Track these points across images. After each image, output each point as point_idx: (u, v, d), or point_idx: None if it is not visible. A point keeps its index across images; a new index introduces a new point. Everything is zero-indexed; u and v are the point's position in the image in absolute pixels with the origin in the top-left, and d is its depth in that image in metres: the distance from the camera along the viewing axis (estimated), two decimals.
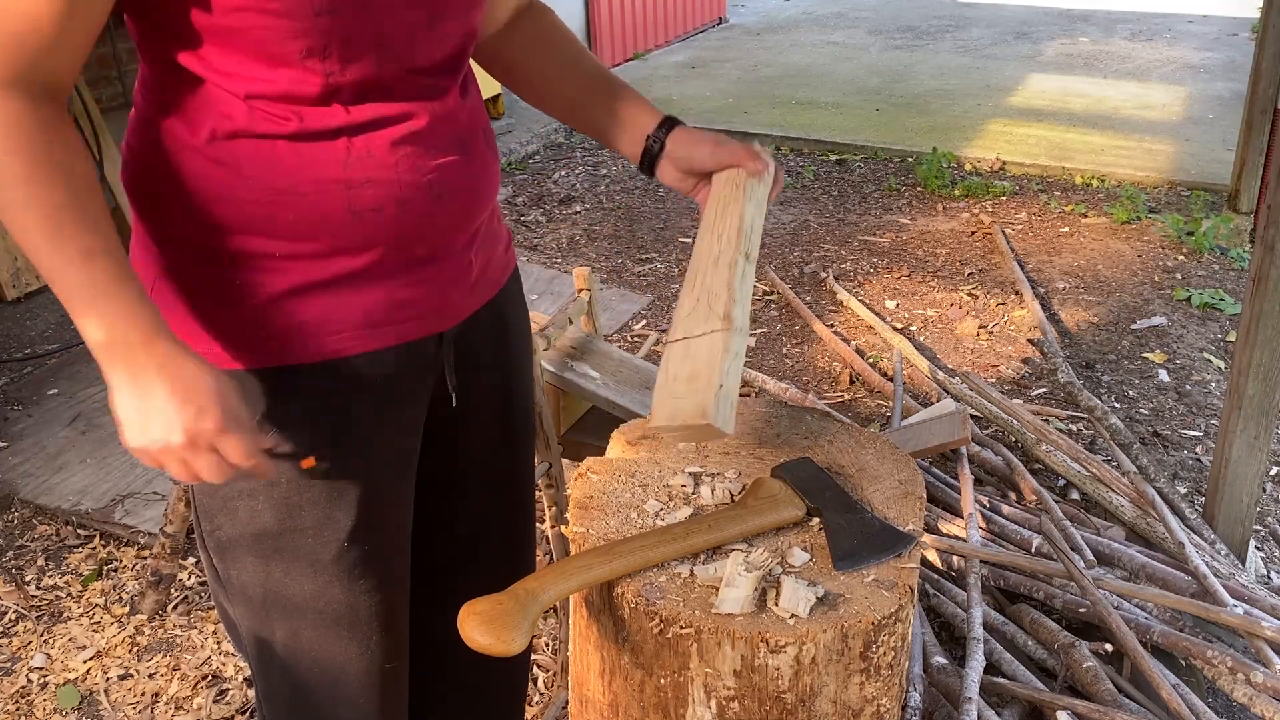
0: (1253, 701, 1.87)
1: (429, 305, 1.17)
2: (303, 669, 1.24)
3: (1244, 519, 2.39)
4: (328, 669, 1.25)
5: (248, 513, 1.16)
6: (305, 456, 1.13)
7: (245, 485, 1.14)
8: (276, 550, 1.17)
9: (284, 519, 1.16)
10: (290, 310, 1.09)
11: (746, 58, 7.58)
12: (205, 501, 1.18)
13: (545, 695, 2.18)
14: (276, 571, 1.19)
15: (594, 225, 4.75)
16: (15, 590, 2.50)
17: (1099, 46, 7.73)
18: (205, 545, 1.22)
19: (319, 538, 1.17)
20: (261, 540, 1.17)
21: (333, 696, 1.27)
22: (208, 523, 1.19)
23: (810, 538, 1.12)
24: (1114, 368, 3.45)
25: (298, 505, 1.15)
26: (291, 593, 1.20)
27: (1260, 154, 4.14)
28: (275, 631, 1.22)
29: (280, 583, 1.19)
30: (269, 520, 1.16)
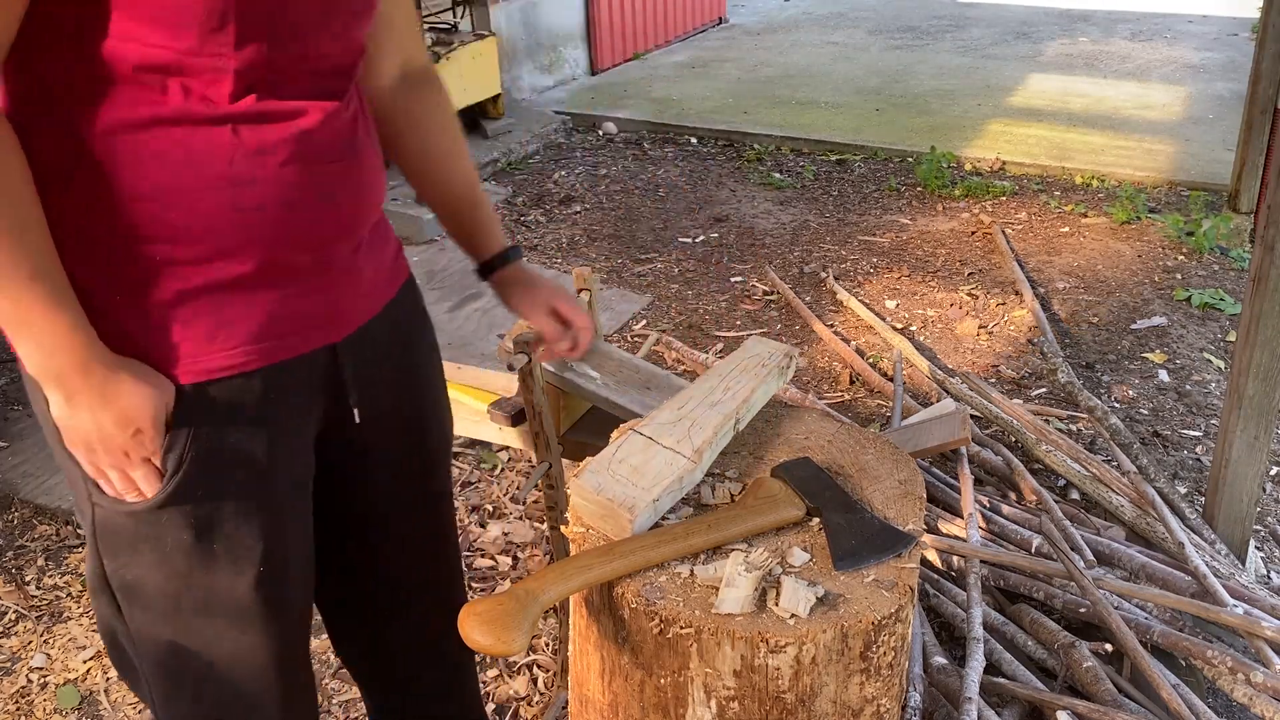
0: (1253, 701, 1.87)
1: (318, 314, 1.14)
2: (217, 694, 1.21)
3: (1244, 519, 2.39)
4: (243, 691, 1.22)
5: (156, 553, 1.11)
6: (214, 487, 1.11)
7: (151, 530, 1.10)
8: (189, 588, 1.13)
9: (197, 556, 1.12)
10: (177, 325, 1.05)
11: (746, 58, 7.58)
12: (108, 541, 1.13)
13: (545, 695, 2.18)
14: (187, 608, 1.15)
15: (594, 225, 4.75)
16: (15, 590, 2.50)
17: (1099, 46, 7.73)
18: (108, 585, 1.16)
19: (235, 568, 1.14)
20: (172, 580, 1.13)
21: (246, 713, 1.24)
22: (110, 561, 1.14)
23: (810, 538, 1.12)
24: (1114, 368, 3.45)
25: (210, 541, 1.12)
26: (203, 628, 1.16)
27: (1260, 154, 4.15)
28: (187, 662, 1.18)
29: (192, 618, 1.15)
30: (180, 561, 1.12)
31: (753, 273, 4.21)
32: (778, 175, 5.31)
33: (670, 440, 1.19)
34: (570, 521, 1.16)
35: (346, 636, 1.53)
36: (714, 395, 1.28)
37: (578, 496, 1.14)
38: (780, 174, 5.34)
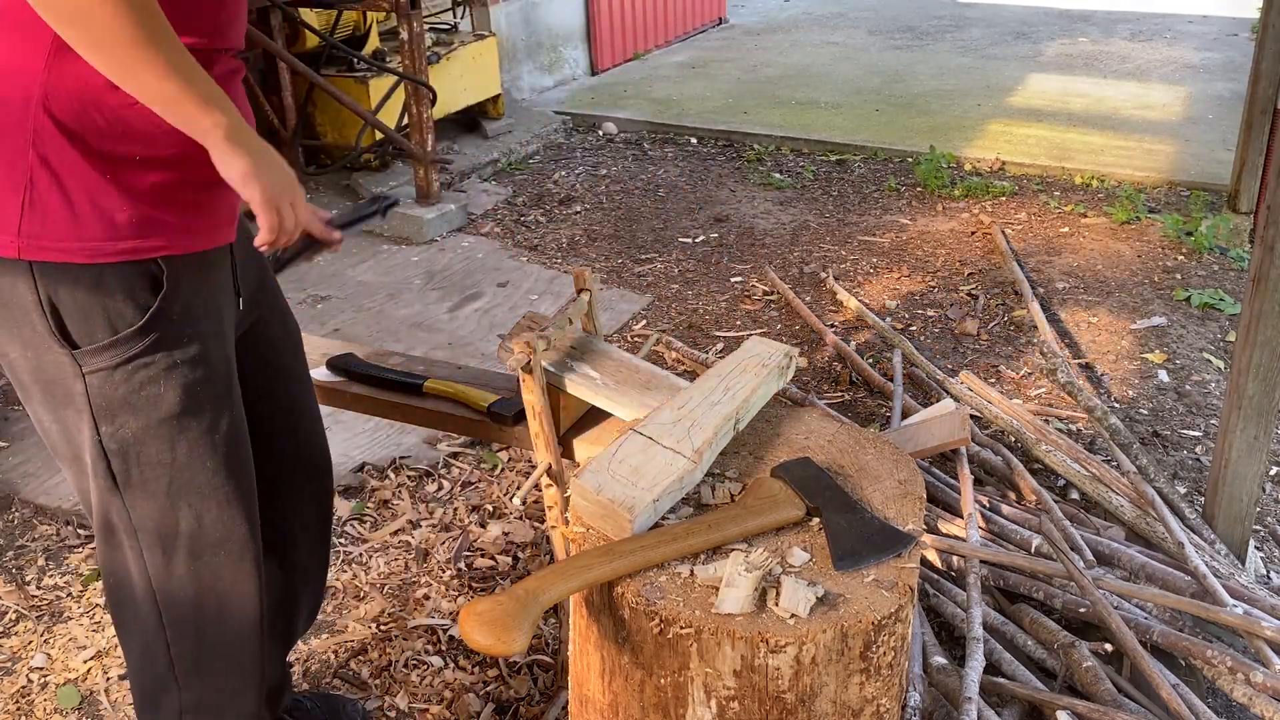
0: (1252, 701, 1.87)
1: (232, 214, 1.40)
2: (207, 554, 1.39)
3: (1244, 519, 2.40)
4: (229, 551, 1.40)
5: (151, 401, 1.29)
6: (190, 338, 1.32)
7: (145, 375, 1.28)
8: (181, 431, 1.32)
9: (185, 399, 1.31)
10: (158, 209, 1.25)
11: (746, 58, 7.58)
12: (105, 402, 1.29)
13: (545, 695, 2.19)
14: (181, 453, 1.33)
15: (594, 225, 4.75)
16: (15, 590, 2.50)
17: (1099, 47, 7.73)
18: (104, 455, 1.32)
19: (216, 412, 1.34)
20: (165, 425, 1.31)
21: (234, 578, 1.42)
22: (108, 425, 1.30)
23: (810, 538, 1.12)
24: (1114, 367, 3.45)
25: (195, 384, 1.31)
26: (194, 475, 1.34)
27: (1260, 154, 4.15)
28: (180, 520, 1.36)
29: (185, 465, 1.33)
30: (172, 402, 1.30)
31: (753, 273, 4.22)
32: (778, 175, 5.31)
33: (670, 440, 1.19)
34: (570, 521, 1.16)
35: None
36: (714, 395, 1.28)
37: (578, 496, 1.14)
38: (780, 174, 5.34)
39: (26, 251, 1.23)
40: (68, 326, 1.26)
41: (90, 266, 1.24)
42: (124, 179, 1.24)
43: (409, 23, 4.36)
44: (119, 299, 1.26)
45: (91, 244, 1.23)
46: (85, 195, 1.22)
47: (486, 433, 2.03)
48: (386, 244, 4.57)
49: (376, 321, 3.85)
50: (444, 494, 2.85)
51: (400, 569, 2.57)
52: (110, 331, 1.26)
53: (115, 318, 1.26)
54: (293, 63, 4.53)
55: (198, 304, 1.32)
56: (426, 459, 2.99)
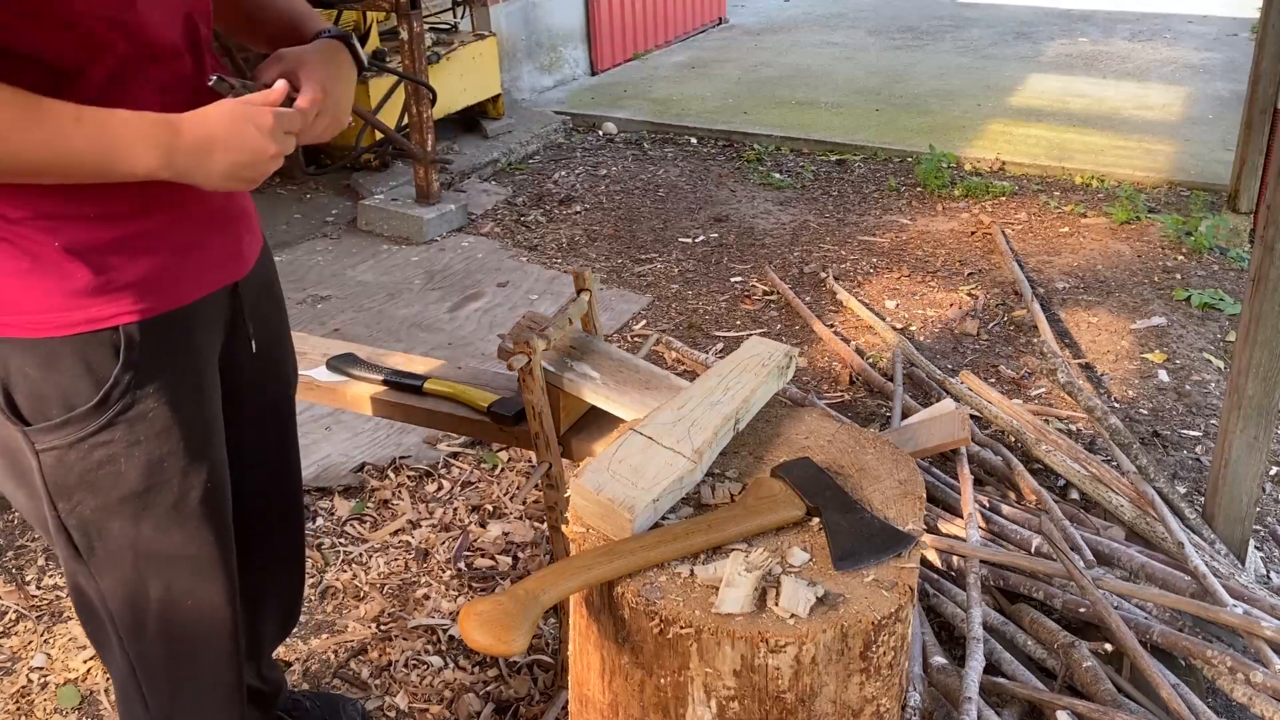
0: (1252, 701, 1.87)
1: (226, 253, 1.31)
2: (179, 619, 1.32)
3: (1244, 519, 2.40)
4: (203, 613, 1.34)
5: (110, 480, 1.20)
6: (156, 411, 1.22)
7: (103, 454, 1.19)
8: (145, 508, 1.24)
9: (149, 476, 1.22)
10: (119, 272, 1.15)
11: (746, 58, 7.58)
12: (60, 482, 1.20)
13: (545, 695, 2.19)
14: (147, 530, 1.25)
15: (594, 225, 4.75)
16: (15, 590, 2.51)
17: (1099, 47, 7.73)
18: (64, 529, 1.24)
19: (184, 485, 1.25)
20: (128, 503, 1.22)
21: (207, 637, 1.36)
22: (65, 503, 1.22)
23: (810, 538, 1.12)
24: (1114, 367, 3.45)
25: (160, 459, 1.22)
26: (162, 547, 1.27)
27: (1260, 154, 4.15)
28: (150, 590, 1.29)
29: (151, 540, 1.26)
30: (134, 480, 1.22)
31: (753, 273, 4.22)
32: (778, 175, 5.31)
33: (670, 440, 1.19)
34: (570, 521, 1.16)
35: None
36: (714, 395, 1.28)
37: (578, 496, 1.14)
38: (780, 174, 5.34)
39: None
40: (17, 402, 1.16)
41: (40, 341, 1.13)
42: (76, 241, 1.12)
43: (409, 23, 4.36)
44: (72, 375, 1.15)
45: (38, 316, 1.12)
46: (30, 263, 1.11)
47: (486, 433, 2.03)
48: (386, 244, 4.57)
49: (376, 321, 3.85)
50: (444, 494, 2.85)
51: (400, 569, 2.57)
52: (64, 409, 1.16)
53: (69, 394, 1.16)
54: None
55: (170, 369, 1.22)
56: (426, 459, 2.99)
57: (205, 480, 1.28)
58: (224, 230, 1.29)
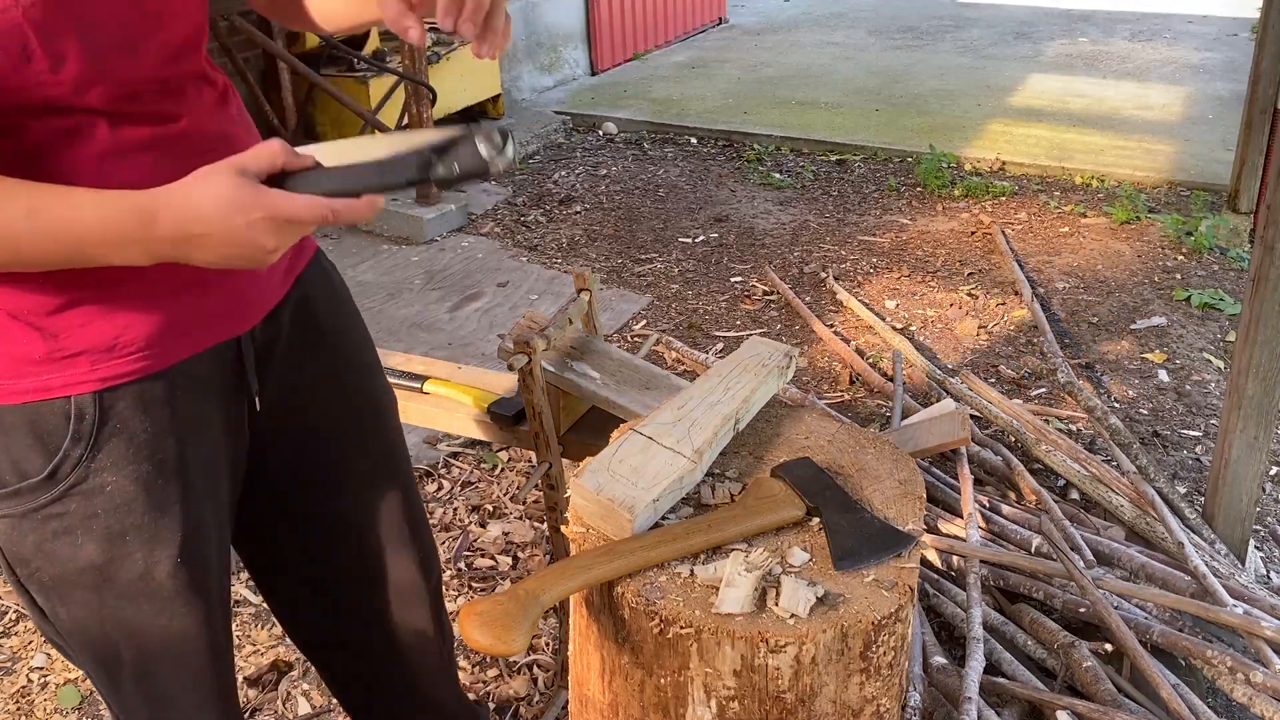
0: (1252, 701, 1.87)
1: (222, 308, 1.14)
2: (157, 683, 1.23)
3: (1244, 519, 2.40)
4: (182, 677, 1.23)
5: (68, 550, 1.10)
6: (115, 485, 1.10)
7: (58, 525, 1.09)
8: (107, 580, 1.13)
9: (109, 549, 1.11)
10: (73, 336, 1.04)
11: (746, 58, 7.58)
12: (16, 550, 1.11)
13: (545, 695, 2.19)
14: (111, 601, 1.14)
15: (594, 225, 4.75)
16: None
17: (1099, 47, 7.73)
18: (24, 589, 1.16)
19: (149, 559, 1.14)
20: (87, 574, 1.12)
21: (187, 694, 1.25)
22: (22, 569, 1.13)
23: (810, 538, 1.12)
24: (1114, 368, 3.45)
25: (121, 533, 1.11)
26: (130, 618, 1.16)
27: (1260, 154, 4.15)
28: (121, 654, 1.19)
29: (116, 611, 1.15)
30: (93, 553, 1.11)
31: (753, 273, 4.21)
32: (778, 175, 5.31)
33: (670, 440, 1.19)
34: (570, 521, 1.16)
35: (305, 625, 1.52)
36: (714, 395, 1.28)
37: (578, 496, 1.14)
38: (780, 174, 5.34)
39: None
40: None
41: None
42: (20, 304, 1.01)
43: None
44: (23, 444, 1.05)
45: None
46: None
47: (486, 433, 2.03)
48: (386, 244, 4.57)
49: (376, 321, 3.85)
50: (444, 494, 2.85)
51: None
52: (16, 477, 1.06)
53: (21, 463, 1.06)
54: (293, 63, 4.53)
55: (134, 440, 1.10)
56: (426, 459, 2.99)
57: (178, 556, 1.15)
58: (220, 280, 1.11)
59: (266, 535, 1.40)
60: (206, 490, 1.19)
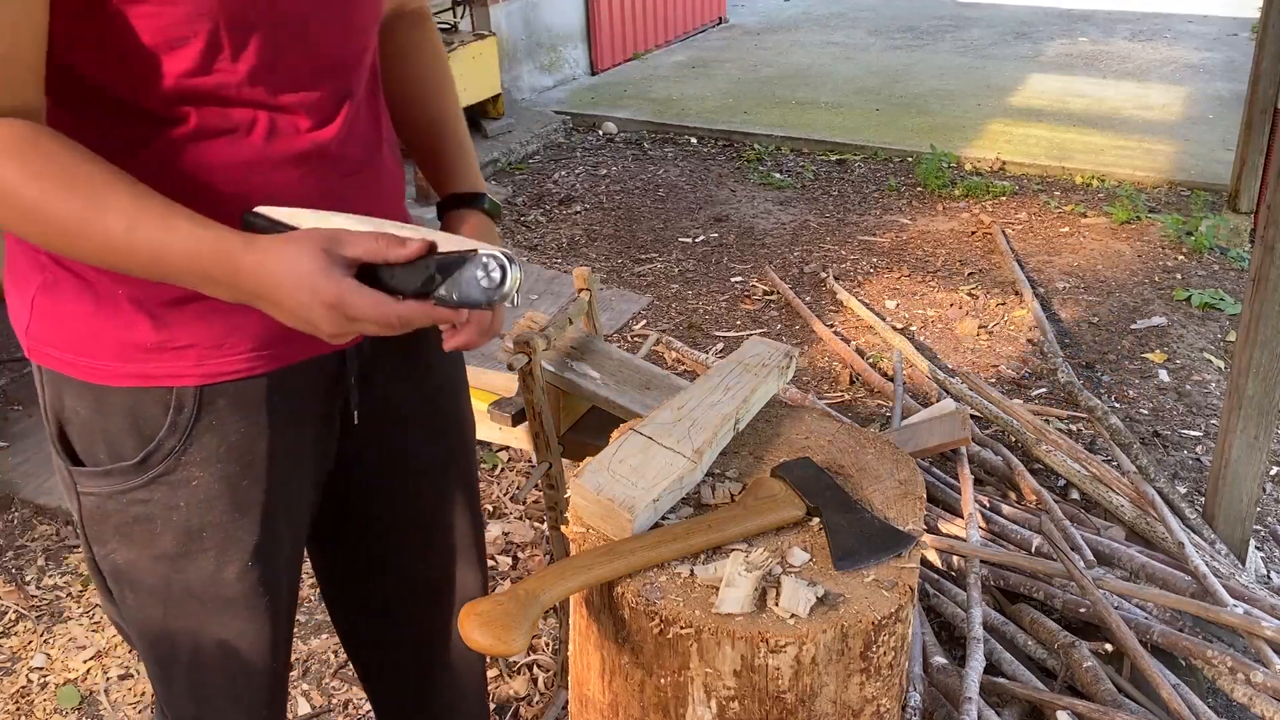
0: (1253, 701, 1.87)
1: None
2: (208, 680, 1.24)
3: (1244, 519, 2.40)
4: (234, 676, 1.24)
5: (145, 537, 1.12)
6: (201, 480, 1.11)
7: (141, 510, 1.11)
8: (177, 572, 1.15)
9: (185, 542, 1.13)
10: (185, 329, 1.06)
11: (746, 58, 7.58)
12: (97, 529, 1.14)
13: (545, 695, 2.18)
14: (177, 593, 1.16)
15: (594, 225, 4.75)
16: (15, 590, 2.50)
17: (1099, 47, 7.73)
18: (98, 569, 1.18)
19: (221, 558, 1.15)
20: (160, 563, 1.14)
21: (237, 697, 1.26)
22: (100, 548, 1.15)
23: (810, 538, 1.12)
24: (1114, 368, 3.45)
25: (199, 529, 1.13)
26: (193, 612, 1.17)
27: (1260, 154, 4.15)
28: (177, 648, 1.20)
29: (182, 604, 1.17)
30: (169, 544, 1.13)
31: (753, 273, 4.21)
32: (778, 175, 5.31)
33: (670, 440, 1.19)
34: (570, 521, 1.16)
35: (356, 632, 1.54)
36: (714, 395, 1.28)
37: (578, 496, 1.14)
38: (780, 174, 5.34)
39: (33, 353, 1.10)
40: (70, 438, 1.11)
41: (93, 386, 1.07)
42: (142, 293, 1.04)
43: None
44: (120, 426, 1.08)
45: (95, 362, 1.06)
46: (95, 306, 1.05)
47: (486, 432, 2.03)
48: None
49: None
50: None
51: None
52: (110, 458, 1.10)
53: (115, 444, 1.09)
54: None
55: (227, 439, 1.12)
56: None
57: (249, 559, 1.17)
58: None
59: (341, 540, 1.41)
60: (287, 499, 1.20)
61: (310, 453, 1.23)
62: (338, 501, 1.33)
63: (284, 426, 1.16)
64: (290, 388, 1.15)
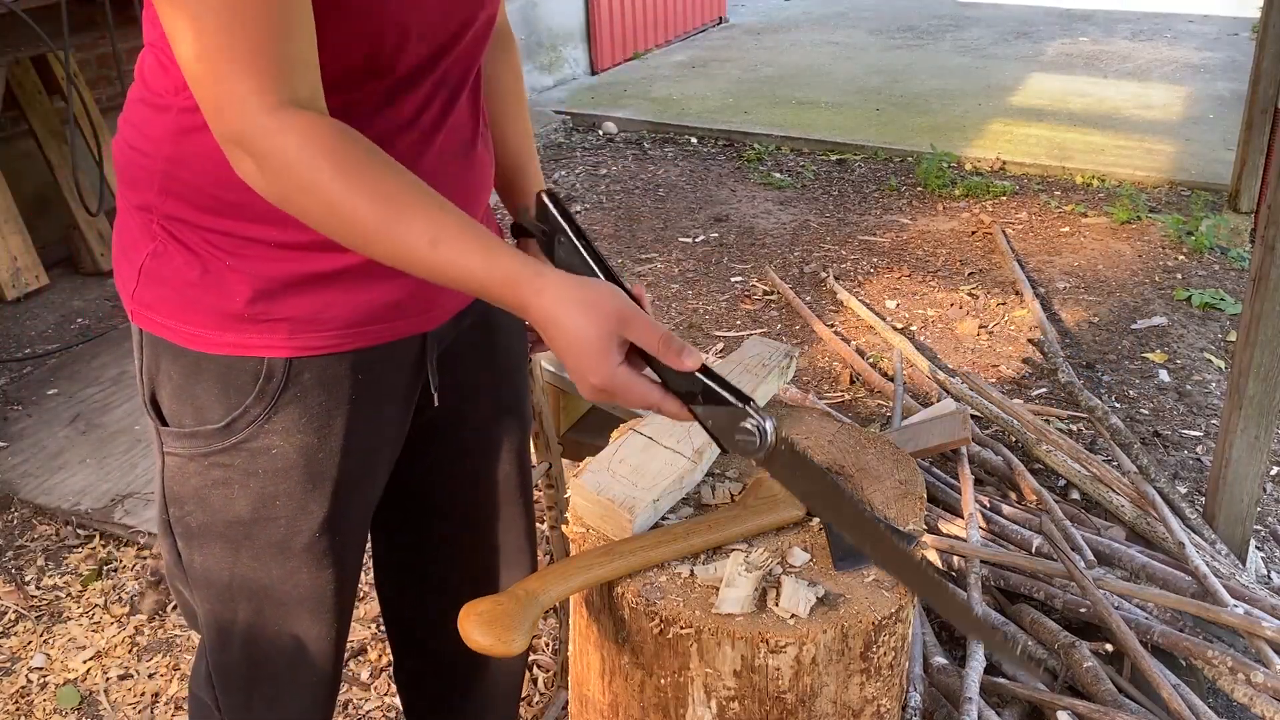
0: (1253, 701, 1.87)
1: (416, 305, 1.18)
2: (263, 646, 1.28)
3: (1244, 519, 2.39)
4: (288, 647, 1.28)
5: (221, 501, 1.17)
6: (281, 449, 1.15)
7: (220, 474, 1.16)
8: (247, 538, 1.19)
9: (258, 508, 1.17)
10: (280, 303, 1.10)
11: (746, 58, 7.58)
12: (176, 489, 1.19)
13: (545, 695, 2.18)
14: (245, 558, 1.21)
15: (594, 225, 4.75)
16: (15, 590, 2.50)
17: (1099, 46, 7.73)
18: (170, 530, 1.23)
19: (291, 526, 1.19)
20: (233, 527, 1.19)
21: (291, 672, 1.30)
22: (176, 509, 1.20)
23: (810, 538, 1.12)
24: (1114, 368, 3.45)
25: (273, 496, 1.17)
26: (258, 577, 1.22)
27: (1260, 154, 4.14)
28: (238, 613, 1.25)
29: (248, 568, 1.21)
30: (243, 509, 1.17)
31: (753, 273, 4.21)
32: (778, 175, 5.31)
33: (670, 440, 1.19)
34: (570, 521, 1.16)
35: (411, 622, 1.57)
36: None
37: (578, 496, 1.14)
38: (780, 174, 5.34)
39: (136, 317, 1.15)
40: (160, 399, 1.16)
41: (187, 351, 1.12)
42: (249, 266, 1.08)
43: None
44: (210, 391, 1.13)
45: (192, 329, 1.11)
46: (200, 273, 1.08)
47: None
48: None
49: None
50: None
51: None
52: (196, 421, 1.14)
53: (203, 408, 1.14)
54: None
55: (309, 412, 1.15)
56: None
57: (317, 529, 1.21)
58: (410, 285, 1.14)
59: (397, 528, 1.45)
60: (359, 476, 1.24)
61: (387, 432, 1.26)
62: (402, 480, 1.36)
63: (363, 403, 1.19)
64: (373, 366, 1.18)
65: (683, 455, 1.17)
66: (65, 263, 4.14)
